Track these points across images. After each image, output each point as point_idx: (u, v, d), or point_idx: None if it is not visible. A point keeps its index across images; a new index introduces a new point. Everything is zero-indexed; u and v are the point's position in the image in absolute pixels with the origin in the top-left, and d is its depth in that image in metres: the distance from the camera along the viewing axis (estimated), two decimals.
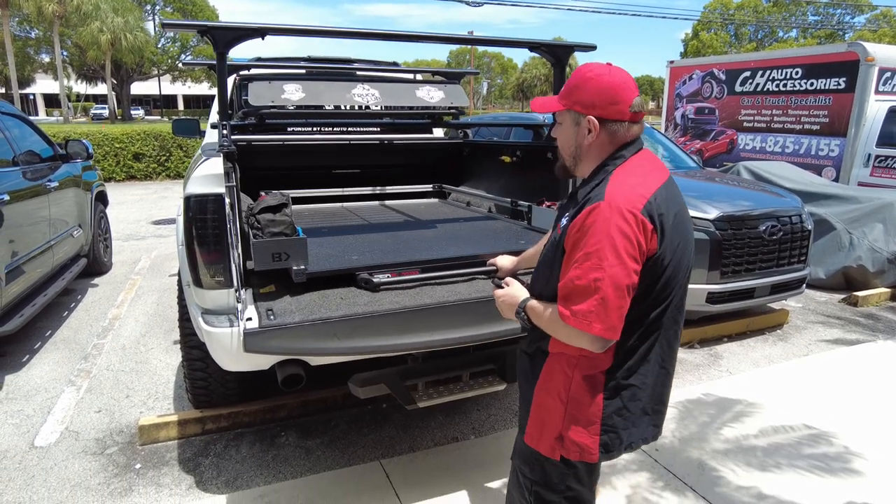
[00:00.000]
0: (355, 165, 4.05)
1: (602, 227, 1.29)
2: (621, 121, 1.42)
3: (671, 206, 1.38)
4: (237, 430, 3.11)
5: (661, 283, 1.39)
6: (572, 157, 1.51)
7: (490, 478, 2.70)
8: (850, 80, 8.24)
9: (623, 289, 1.30)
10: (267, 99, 2.67)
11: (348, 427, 3.17)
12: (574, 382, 1.45)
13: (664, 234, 1.34)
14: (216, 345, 2.10)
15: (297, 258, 2.05)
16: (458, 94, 3.04)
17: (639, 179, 1.37)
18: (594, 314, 1.30)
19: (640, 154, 1.46)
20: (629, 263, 1.29)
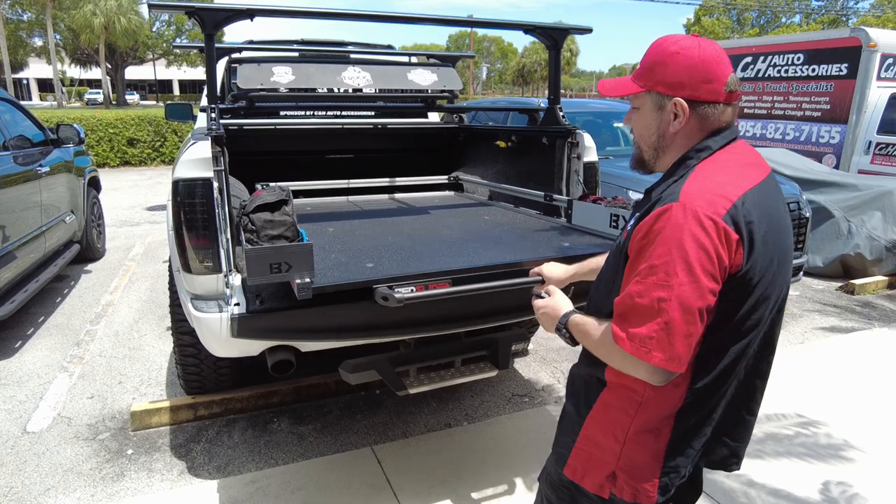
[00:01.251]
0: (348, 150, 4.00)
1: (673, 235, 1.06)
2: (715, 102, 1.17)
3: (765, 213, 1.12)
4: (229, 416, 3.10)
5: (746, 307, 1.13)
6: (653, 148, 1.25)
7: (481, 463, 2.70)
8: (853, 66, 8.17)
9: (694, 312, 1.06)
10: (256, 82, 2.62)
11: (341, 413, 3.17)
12: (636, 423, 1.20)
13: (753, 247, 1.09)
14: (205, 330, 2.08)
15: (300, 269, 1.71)
16: (451, 77, 2.99)
17: (727, 177, 1.13)
18: (655, 340, 1.07)
19: (732, 145, 1.20)
20: (704, 282, 1.05)
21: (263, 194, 1.90)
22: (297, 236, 1.85)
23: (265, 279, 1.71)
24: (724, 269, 1.07)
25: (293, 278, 1.72)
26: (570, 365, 1.46)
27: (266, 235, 1.79)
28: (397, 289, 1.88)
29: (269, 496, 2.46)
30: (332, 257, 2.19)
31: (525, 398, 3.36)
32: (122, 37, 35.11)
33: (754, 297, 1.13)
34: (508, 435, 2.98)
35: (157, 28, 42.88)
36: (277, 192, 1.91)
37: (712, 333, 1.13)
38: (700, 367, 1.16)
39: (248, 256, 1.67)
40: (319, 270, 1.89)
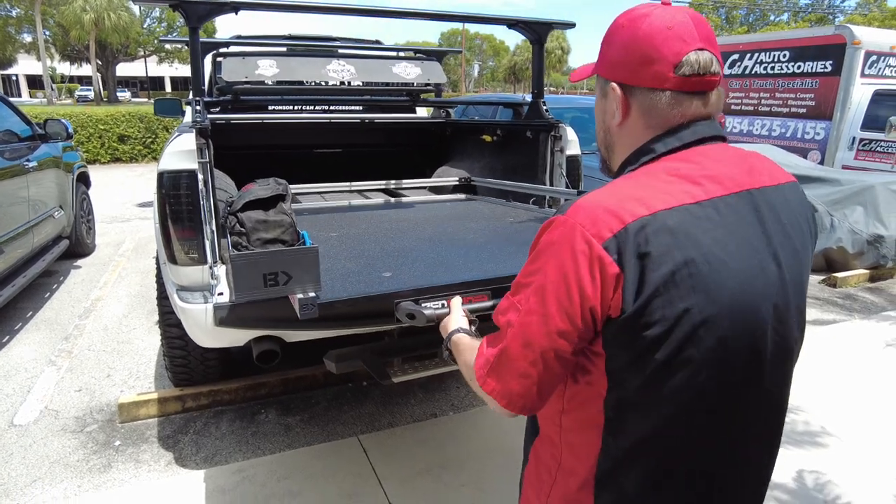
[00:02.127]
0: (335, 145, 4.02)
1: (542, 253, 0.88)
2: (660, 89, 0.90)
3: (697, 243, 0.83)
4: (217, 407, 3.13)
5: (650, 368, 0.84)
6: (603, 145, 1.02)
7: (465, 451, 2.75)
8: (837, 63, 8.26)
9: (535, 350, 0.86)
10: (241, 74, 2.64)
11: (328, 404, 3.20)
12: (556, 487, 0.99)
13: (645, 286, 0.80)
14: (191, 321, 2.10)
15: (302, 280, 1.39)
16: (435, 71, 3.02)
17: (644, 191, 0.85)
18: (492, 366, 0.92)
19: (693, 150, 0.91)
20: (555, 320, 0.84)
21: (254, 188, 1.64)
22: (297, 240, 1.56)
23: (258, 294, 1.38)
24: (589, 309, 0.82)
25: (293, 292, 1.41)
26: None
27: (258, 239, 1.51)
28: (424, 303, 1.57)
29: (255, 484, 2.49)
30: (339, 266, 1.90)
31: None
32: (113, 33, 34.84)
33: (661, 357, 0.83)
34: (493, 424, 3.02)
35: (148, 25, 42.60)
36: (272, 186, 1.63)
37: (612, 393, 0.88)
38: (609, 431, 0.90)
39: (234, 265, 1.34)
40: (325, 282, 1.59)
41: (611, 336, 0.84)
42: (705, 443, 0.91)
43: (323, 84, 3.19)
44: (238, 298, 1.42)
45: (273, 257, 1.37)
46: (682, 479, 0.91)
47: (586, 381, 0.91)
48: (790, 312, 0.92)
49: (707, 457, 0.91)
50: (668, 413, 0.87)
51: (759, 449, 0.97)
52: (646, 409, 0.87)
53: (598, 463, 0.92)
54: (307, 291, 1.42)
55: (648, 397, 0.86)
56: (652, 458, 0.90)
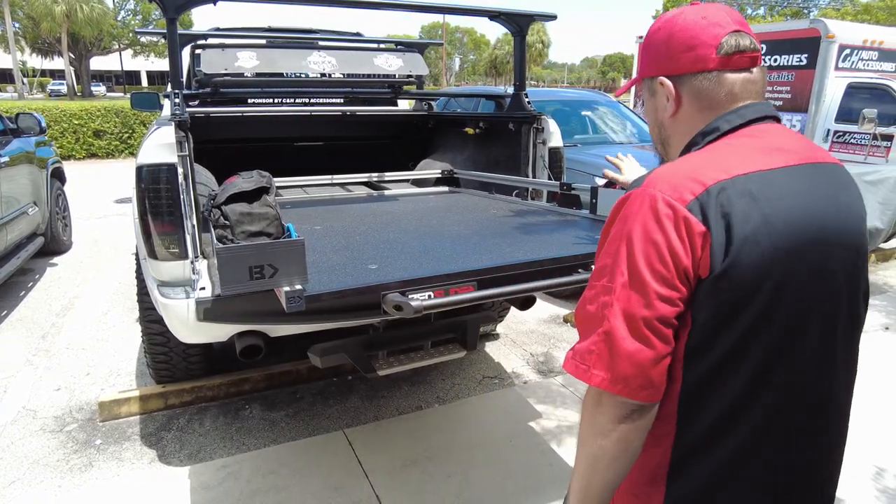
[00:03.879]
0: (316, 138, 3.99)
1: (625, 228, 0.86)
2: (704, 71, 0.94)
3: (774, 205, 0.84)
4: (200, 404, 3.10)
5: (737, 327, 0.83)
6: (660, 142, 1.07)
7: (450, 442, 2.76)
8: (812, 56, 8.39)
9: (639, 323, 0.82)
10: (220, 67, 2.60)
11: (313, 399, 3.19)
12: (625, 480, 0.94)
13: (733, 241, 0.81)
14: (173, 317, 2.08)
15: (289, 273, 1.38)
16: (417, 63, 3.01)
17: (718, 161, 0.88)
18: (595, 355, 0.86)
19: (755, 127, 0.93)
20: (652, 286, 0.82)
21: (238, 181, 1.62)
22: (282, 232, 1.55)
23: (243, 287, 1.36)
24: (683, 271, 0.82)
25: (280, 285, 1.39)
26: (541, 348, 1.41)
27: (243, 232, 1.50)
28: (411, 295, 1.58)
29: (240, 480, 2.48)
30: (325, 259, 1.88)
31: (495, 380, 3.43)
32: (86, 25, 34.07)
33: (749, 314, 0.83)
34: (478, 415, 3.04)
35: (123, 17, 41.73)
36: (256, 179, 1.61)
37: (694, 364, 0.86)
38: (686, 412, 0.88)
39: (220, 259, 1.32)
40: (312, 275, 1.58)
41: (699, 299, 0.84)
42: (782, 423, 0.88)
43: (303, 76, 3.16)
44: (224, 292, 1.39)
45: (259, 250, 1.35)
46: (759, 468, 0.89)
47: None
48: (860, 283, 0.94)
49: (795, 422, 0.89)
50: (746, 388, 0.86)
51: (838, 420, 0.96)
52: (726, 381, 0.86)
53: (671, 452, 0.90)
54: (294, 284, 1.41)
55: (729, 367, 0.85)
56: (728, 443, 0.87)
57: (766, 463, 0.89)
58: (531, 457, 2.69)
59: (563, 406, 3.12)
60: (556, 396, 3.23)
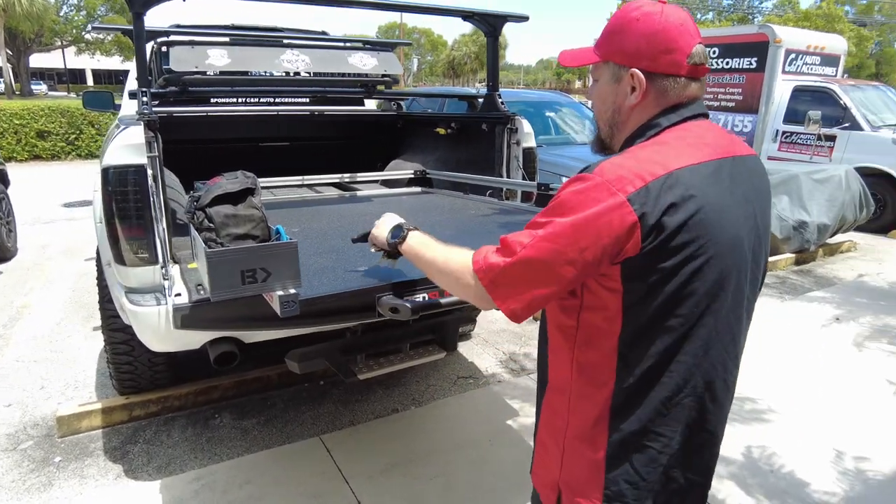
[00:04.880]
0: (284, 139, 3.90)
1: (568, 199, 0.99)
2: (676, 76, 1.06)
3: (704, 195, 0.98)
4: (168, 414, 2.98)
5: (661, 299, 0.99)
6: (609, 124, 1.14)
7: (431, 444, 2.74)
8: (761, 60, 8.74)
9: (539, 268, 1.00)
10: (190, 64, 2.50)
11: (286, 405, 3.11)
12: (570, 429, 1.12)
13: (663, 231, 0.95)
14: (142, 325, 2.00)
15: (282, 276, 1.33)
16: (391, 62, 2.98)
17: (659, 155, 1.01)
18: (500, 270, 1.04)
19: (688, 124, 1.08)
20: (568, 250, 0.97)
21: (222, 182, 1.54)
22: (268, 235, 1.49)
23: (235, 292, 1.29)
24: (601, 249, 0.96)
25: (273, 289, 1.33)
26: (514, 347, 1.48)
27: (228, 235, 1.42)
28: (405, 297, 1.56)
29: (215, 492, 2.39)
30: (310, 261, 1.82)
31: (470, 380, 3.43)
32: (25, 20, 32.36)
33: (670, 288, 0.98)
34: (455, 415, 3.03)
35: (66, 13, 39.93)
36: (241, 180, 1.54)
37: (627, 324, 1.02)
38: (623, 365, 1.04)
39: (210, 262, 1.25)
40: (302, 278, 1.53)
41: (628, 270, 0.98)
42: (703, 361, 1.06)
43: (277, 75, 3.08)
44: (215, 297, 1.31)
45: (251, 253, 1.30)
46: (687, 397, 1.06)
47: (603, 317, 1.04)
48: (762, 256, 1.14)
49: (704, 374, 1.07)
50: (674, 340, 1.02)
51: (734, 364, 1.14)
52: (656, 338, 1.02)
53: (612, 397, 1.06)
54: (287, 288, 1.36)
55: (658, 327, 1.01)
56: (661, 382, 1.04)
57: (692, 391, 1.06)
58: (511, 455, 2.69)
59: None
60: (530, 394, 3.25)
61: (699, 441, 1.10)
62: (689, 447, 1.08)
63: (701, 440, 1.10)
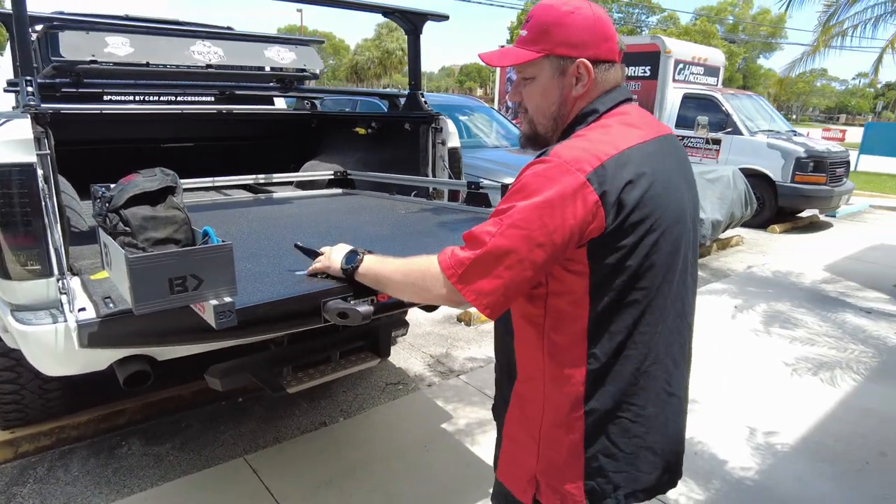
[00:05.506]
0: (186, 139, 3.62)
1: (529, 183, 1.00)
2: (612, 62, 1.11)
3: (650, 173, 1.02)
4: (63, 447, 2.65)
5: (624, 275, 1.03)
6: (553, 118, 1.15)
7: (367, 456, 2.63)
8: (654, 68, 9.34)
9: (510, 255, 0.99)
10: (86, 52, 2.21)
11: (202, 426, 2.87)
12: (546, 418, 1.12)
13: (622, 210, 0.99)
14: (36, 346, 1.75)
15: (215, 283, 1.18)
16: (310, 57, 2.83)
17: (606, 137, 1.05)
18: (467, 267, 1.03)
19: (623, 107, 1.12)
20: (536, 234, 0.97)
21: (138, 180, 1.35)
22: (192, 238, 1.33)
23: (163, 303, 1.12)
24: (569, 229, 0.97)
25: (205, 298, 1.17)
26: (440, 349, 1.45)
27: (147, 239, 1.26)
28: (352, 301, 1.43)
29: None
30: (241, 267, 1.63)
31: (399, 385, 3.34)
32: None
33: (633, 263, 1.02)
34: (389, 424, 2.94)
35: None
36: (160, 178, 1.37)
37: (597, 299, 1.04)
38: (593, 344, 1.07)
39: (133, 270, 1.08)
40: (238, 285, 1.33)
41: (594, 250, 1.01)
42: (665, 330, 1.11)
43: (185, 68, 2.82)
44: (139, 310, 1.12)
45: (181, 258, 1.13)
46: (652, 364, 1.11)
47: (570, 301, 1.06)
48: (697, 222, 1.21)
49: (665, 340, 1.12)
50: (638, 313, 1.06)
51: (688, 328, 1.21)
52: (621, 314, 1.06)
53: (585, 377, 1.08)
54: (222, 296, 1.19)
55: (623, 302, 1.05)
56: (628, 355, 1.08)
57: (657, 371, 1.12)
58: (449, 459, 2.64)
59: (471, 404, 3.12)
60: (462, 395, 3.22)
61: (668, 404, 1.15)
62: (659, 412, 1.13)
63: (670, 404, 1.16)
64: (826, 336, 4.24)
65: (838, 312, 4.74)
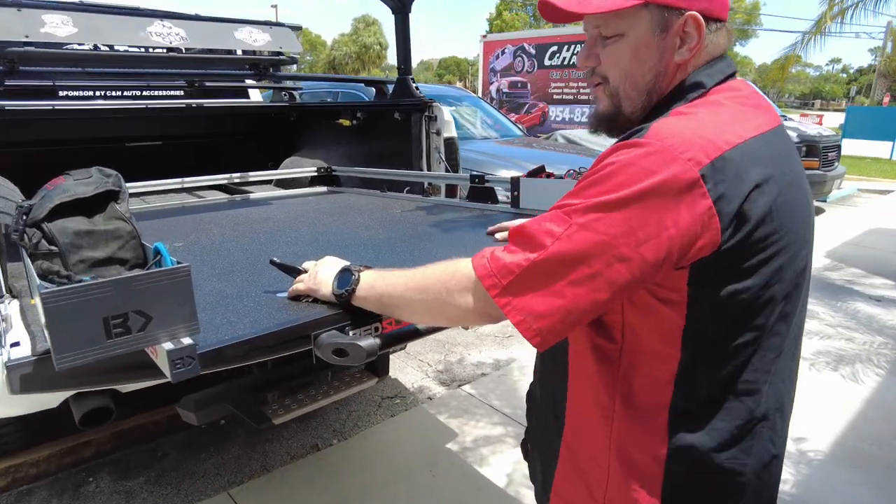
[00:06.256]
0: (150, 137, 3.29)
1: (616, 172, 0.73)
2: (723, 20, 0.85)
3: (781, 173, 0.77)
4: (20, 487, 2.34)
5: (740, 309, 0.78)
6: (647, 92, 0.85)
7: (368, 482, 2.37)
8: None
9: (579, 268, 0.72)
10: (18, 33, 1.88)
11: (180, 455, 2.58)
12: (613, 480, 0.87)
13: (746, 220, 0.73)
14: None
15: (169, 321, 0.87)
16: (287, 38, 2.52)
17: (721, 118, 0.78)
18: (516, 277, 0.76)
19: (732, 82, 0.85)
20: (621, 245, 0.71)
21: (67, 184, 1.04)
22: (143, 257, 1.05)
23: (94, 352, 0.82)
24: (666, 243, 0.71)
25: (157, 340, 0.87)
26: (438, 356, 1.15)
27: (82, 261, 0.97)
28: (352, 331, 1.11)
29: None
30: (206, 287, 1.33)
31: (396, 399, 3.07)
32: None
33: (748, 295, 0.77)
34: (389, 444, 2.67)
35: None
36: (96, 179, 1.05)
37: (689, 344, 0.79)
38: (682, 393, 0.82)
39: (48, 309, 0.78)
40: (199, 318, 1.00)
41: (698, 275, 0.75)
42: (777, 377, 0.85)
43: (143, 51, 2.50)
44: (60, 364, 0.80)
45: (120, 288, 0.80)
46: (763, 422, 0.85)
47: (657, 338, 0.80)
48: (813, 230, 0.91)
49: (779, 391, 0.86)
50: (747, 356, 0.80)
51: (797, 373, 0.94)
52: (726, 357, 0.80)
53: (667, 436, 0.82)
54: (178, 336, 0.88)
55: (731, 343, 0.79)
56: (731, 409, 0.82)
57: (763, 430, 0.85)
58: (456, 484, 2.39)
59: (477, 417, 2.87)
60: (466, 408, 2.96)
61: (768, 468, 0.88)
62: (756, 479, 0.86)
63: (771, 467, 0.88)
64: (840, 327, 4.05)
65: (848, 301, 4.57)
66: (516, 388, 3.15)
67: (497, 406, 2.95)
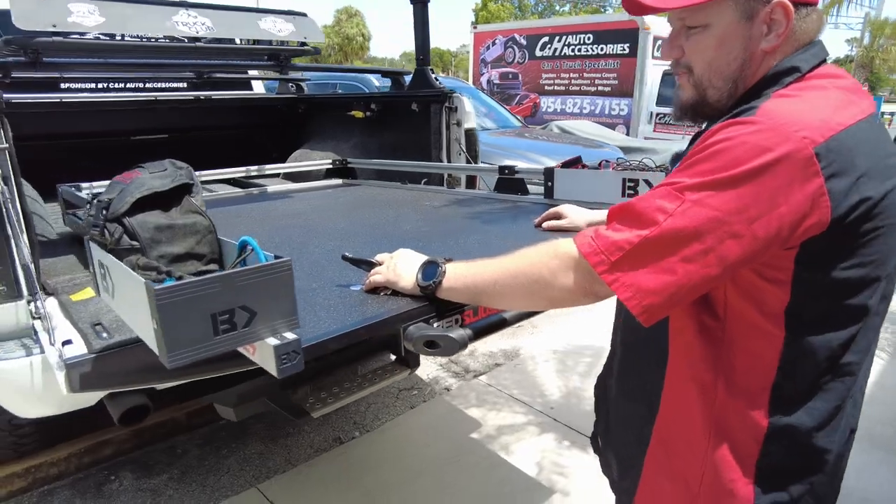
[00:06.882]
0: (160, 130, 3.23)
1: (727, 150, 0.73)
2: (813, 5, 0.84)
3: (883, 154, 0.77)
4: (41, 487, 2.31)
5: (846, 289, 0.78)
6: (733, 80, 0.85)
7: (386, 474, 2.36)
8: (633, 46, 9.17)
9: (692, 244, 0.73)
10: (45, 22, 1.82)
11: (201, 452, 2.56)
12: (709, 466, 0.87)
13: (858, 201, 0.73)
14: (5, 386, 1.43)
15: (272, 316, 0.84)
16: (311, 28, 2.48)
17: (828, 101, 0.78)
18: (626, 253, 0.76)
19: (826, 67, 0.84)
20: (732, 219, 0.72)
21: (142, 177, 1.00)
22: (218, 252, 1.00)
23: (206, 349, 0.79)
24: (776, 222, 0.71)
25: (260, 336, 0.84)
26: None
27: (162, 256, 0.93)
28: (436, 323, 1.11)
29: None
30: None
31: (413, 391, 3.07)
32: None
33: (855, 275, 0.77)
34: (409, 437, 2.67)
35: None
36: (171, 172, 1.02)
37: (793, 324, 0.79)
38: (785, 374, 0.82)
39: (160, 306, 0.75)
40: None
41: (806, 255, 0.75)
42: (865, 363, 0.86)
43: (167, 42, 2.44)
44: (173, 363, 0.77)
45: (227, 285, 0.78)
46: (851, 400, 0.87)
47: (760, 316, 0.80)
48: None
49: (863, 374, 0.88)
50: (848, 336, 0.81)
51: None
52: (829, 338, 0.81)
53: (768, 417, 0.83)
54: (280, 331, 0.85)
55: (834, 323, 0.80)
56: (830, 390, 0.83)
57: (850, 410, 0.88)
58: (480, 475, 2.39)
59: (497, 407, 2.87)
60: (485, 399, 2.97)
61: (847, 446, 0.92)
62: (840, 459, 0.91)
63: (849, 444, 0.93)
64: None
65: None
66: (533, 377, 3.17)
67: (517, 395, 2.96)
